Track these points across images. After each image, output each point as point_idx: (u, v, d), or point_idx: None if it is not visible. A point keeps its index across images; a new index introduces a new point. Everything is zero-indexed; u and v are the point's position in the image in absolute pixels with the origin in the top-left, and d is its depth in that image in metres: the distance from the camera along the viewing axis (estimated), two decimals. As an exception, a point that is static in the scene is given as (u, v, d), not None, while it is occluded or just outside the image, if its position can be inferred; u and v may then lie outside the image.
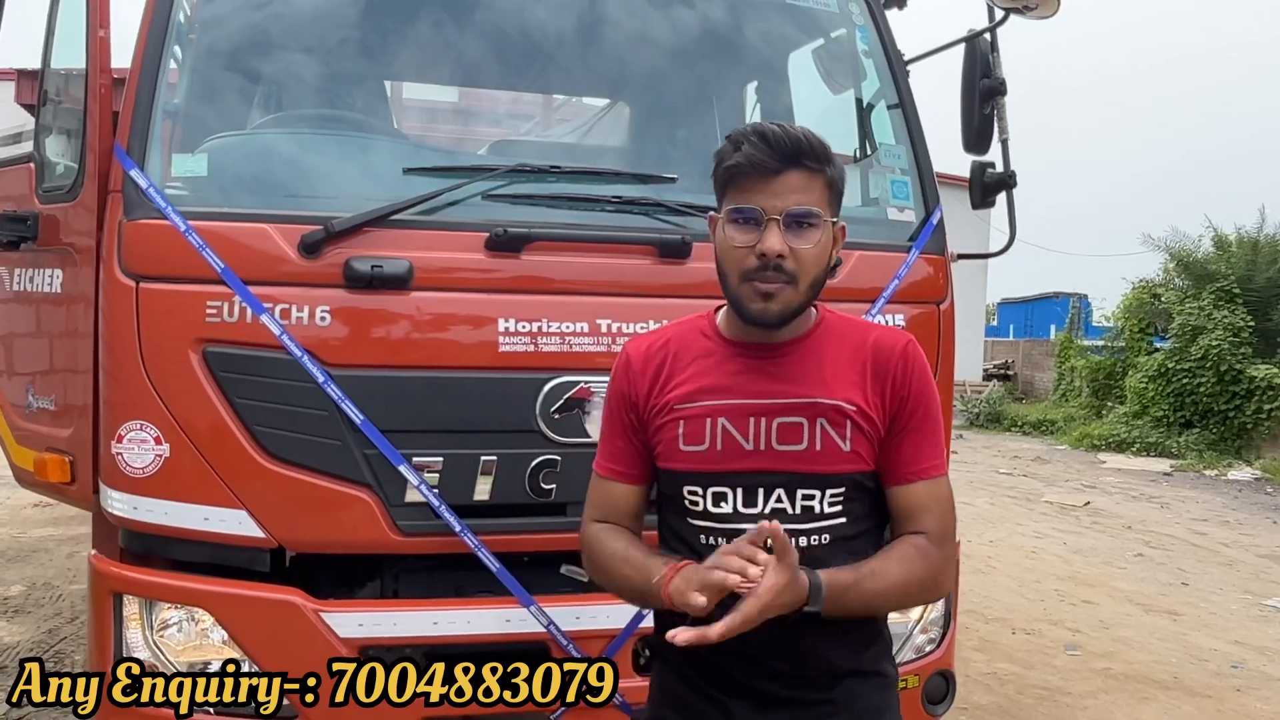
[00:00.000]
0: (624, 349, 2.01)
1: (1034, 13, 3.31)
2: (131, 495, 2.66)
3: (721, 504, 1.84)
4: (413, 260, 2.70)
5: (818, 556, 1.79)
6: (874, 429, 1.84)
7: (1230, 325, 16.70)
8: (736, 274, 1.80)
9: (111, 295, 2.67)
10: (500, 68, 3.63)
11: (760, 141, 1.75)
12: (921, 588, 1.85)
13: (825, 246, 1.81)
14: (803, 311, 1.85)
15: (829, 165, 1.80)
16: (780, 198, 1.75)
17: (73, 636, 5.72)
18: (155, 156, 2.72)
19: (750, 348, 1.88)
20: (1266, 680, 5.84)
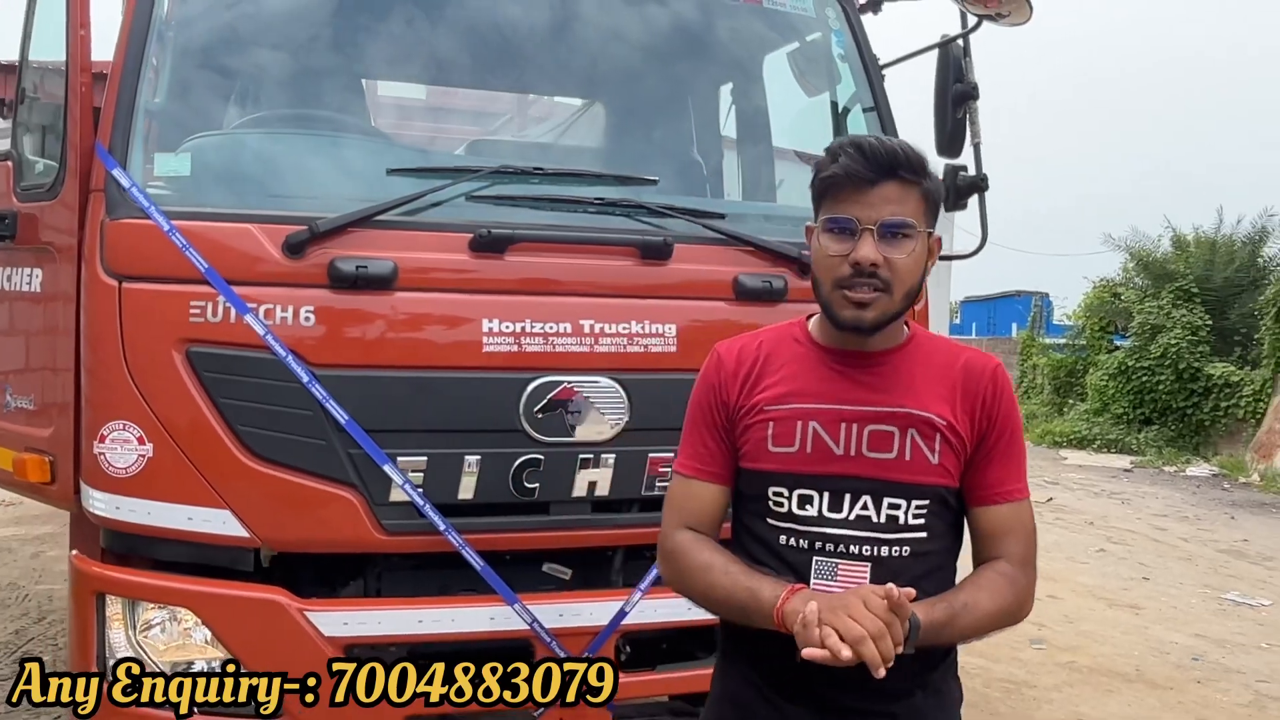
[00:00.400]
0: (715, 349, 2.01)
1: (1007, 20, 3.37)
2: (114, 495, 2.66)
3: (807, 507, 1.85)
4: (397, 260, 2.72)
5: (895, 569, 1.80)
6: (961, 446, 1.85)
7: (1189, 324, 17.02)
8: (830, 282, 1.82)
9: (94, 295, 2.66)
10: (476, 66, 3.65)
11: (857, 153, 1.77)
12: (1006, 616, 1.83)
13: (919, 257, 1.83)
14: (897, 319, 1.86)
15: (925, 178, 1.82)
16: (875, 208, 1.77)
17: (40, 637, 5.67)
18: (137, 155, 2.72)
19: (843, 355, 1.89)
20: (1225, 672, 5.98)
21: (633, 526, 2.99)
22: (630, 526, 2.99)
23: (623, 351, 2.89)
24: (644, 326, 2.92)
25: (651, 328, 2.93)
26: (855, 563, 1.82)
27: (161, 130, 2.84)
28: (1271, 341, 15.64)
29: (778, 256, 3.08)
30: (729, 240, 3.04)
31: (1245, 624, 7.06)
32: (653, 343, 2.92)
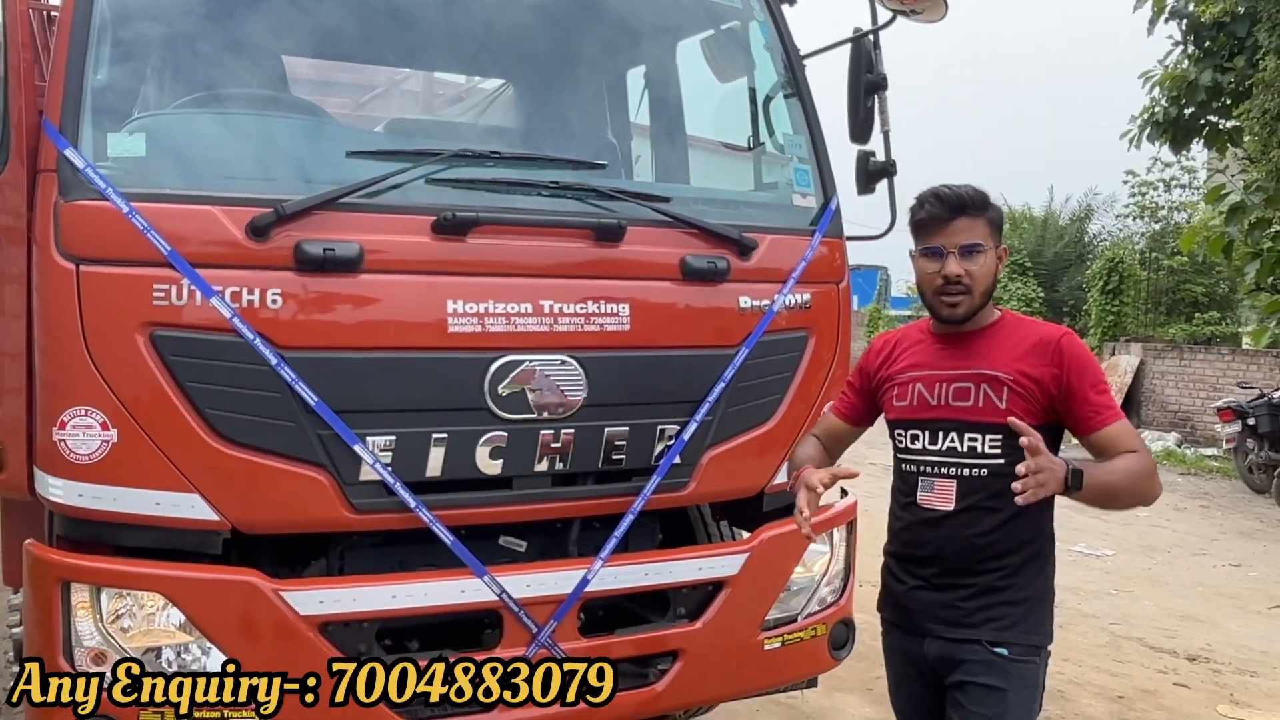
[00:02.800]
0: (872, 340, 2.92)
1: (920, 16, 3.60)
2: (75, 482, 2.60)
3: (916, 442, 2.64)
4: (362, 243, 2.75)
5: (975, 485, 2.52)
6: (1030, 393, 2.49)
7: (1023, 296, 18.17)
8: (930, 291, 2.60)
9: (49, 279, 2.59)
10: (401, 44, 3.68)
11: (936, 201, 2.55)
12: (1144, 477, 2.43)
13: (990, 265, 2.57)
14: (980, 310, 2.58)
15: (987, 210, 2.57)
16: (953, 236, 2.53)
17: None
18: (88, 135, 2.65)
19: (946, 338, 2.66)
20: (1083, 617, 6.54)
21: (590, 499, 3.11)
22: (587, 499, 3.11)
23: (580, 331, 3.00)
24: (600, 306, 3.03)
25: (607, 308, 3.04)
26: (946, 480, 2.57)
27: (109, 108, 2.75)
28: (1098, 312, 16.86)
29: (720, 238, 3.23)
30: (675, 223, 3.18)
31: (1094, 573, 7.70)
32: (608, 322, 3.04)
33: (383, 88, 4.99)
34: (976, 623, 2.53)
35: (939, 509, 2.57)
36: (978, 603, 2.53)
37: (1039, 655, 2.58)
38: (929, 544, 2.59)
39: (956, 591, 2.55)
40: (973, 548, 2.53)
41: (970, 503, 2.53)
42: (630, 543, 3.18)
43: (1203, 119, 11.95)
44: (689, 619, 3.21)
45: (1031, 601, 2.55)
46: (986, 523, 2.51)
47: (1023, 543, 2.54)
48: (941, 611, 2.57)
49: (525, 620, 2.91)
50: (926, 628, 2.60)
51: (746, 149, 3.89)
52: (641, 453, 3.12)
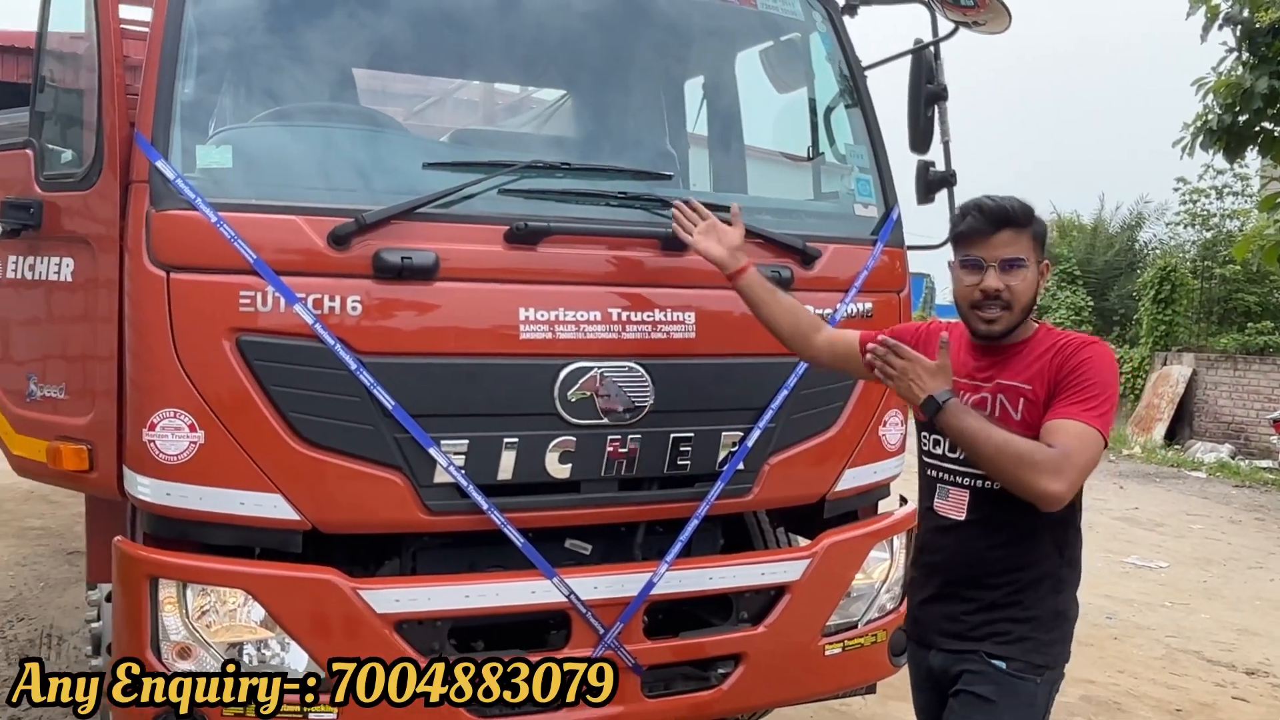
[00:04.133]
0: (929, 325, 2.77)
1: (983, 28, 3.63)
2: (163, 481, 2.70)
3: (938, 447, 2.59)
4: (438, 251, 2.82)
5: (988, 498, 2.44)
6: (1041, 403, 2.39)
7: (1072, 304, 17.97)
8: (965, 305, 2.51)
9: (141, 286, 2.69)
10: (479, 59, 3.77)
11: (979, 213, 2.47)
12: (1015, 462, 2.28)
13: (1032, 281, 2.46)
14: (1020, 326, 2.49)
15: (1031, 224, 2.47)
16: (994, 250, 2.44)
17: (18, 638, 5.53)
18: (178, 147, 2.75)
19: (981, 347, 2.57)
20: (1138, 629, 6.48)
21: (655, 503, 3.17)
22: (652, 503, 3.16)
23: (647, 338, 3.06)
24: (666, 314, 3.09)
25: (673, 315, 3.10)
26: (959, 489, 2.53)
27: (198, 121, 2.86)
28: (1149, 322, 16.65)
29: (783, 248, 3.28)
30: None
31: (1148, 585, 7.63)
32: (674, 330, 3.10)
33: (436, 97, 5.09)
34: (978, 636, 2.49)
35: (951, 517, 2.54)
36: (981, 617, 2.49)
37: (1041, 674, 2.47)
38: (940, 551, 2.59)
39: (961, 605, 2.52)
40: (980, 560, 2.49)
41: (981, 514, 2.48)
42: (693, 547, 3.22)
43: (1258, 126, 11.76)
44: (751, 623, 3.25)
45: (1038, 622, 2.47)
46: (996, 536, 2.46)
47: (1033, 561, 2.47)
48: (946, 624, 2.55)
49: (593, 622, 2.97)
50: (931, 640, 2.59)
51: (806, 159, 3.93)
52: (706, 458, 3.17)
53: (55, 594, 6.19)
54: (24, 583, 6.41)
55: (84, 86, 2.95)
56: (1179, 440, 15.60)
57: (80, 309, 2.93)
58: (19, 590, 6.25)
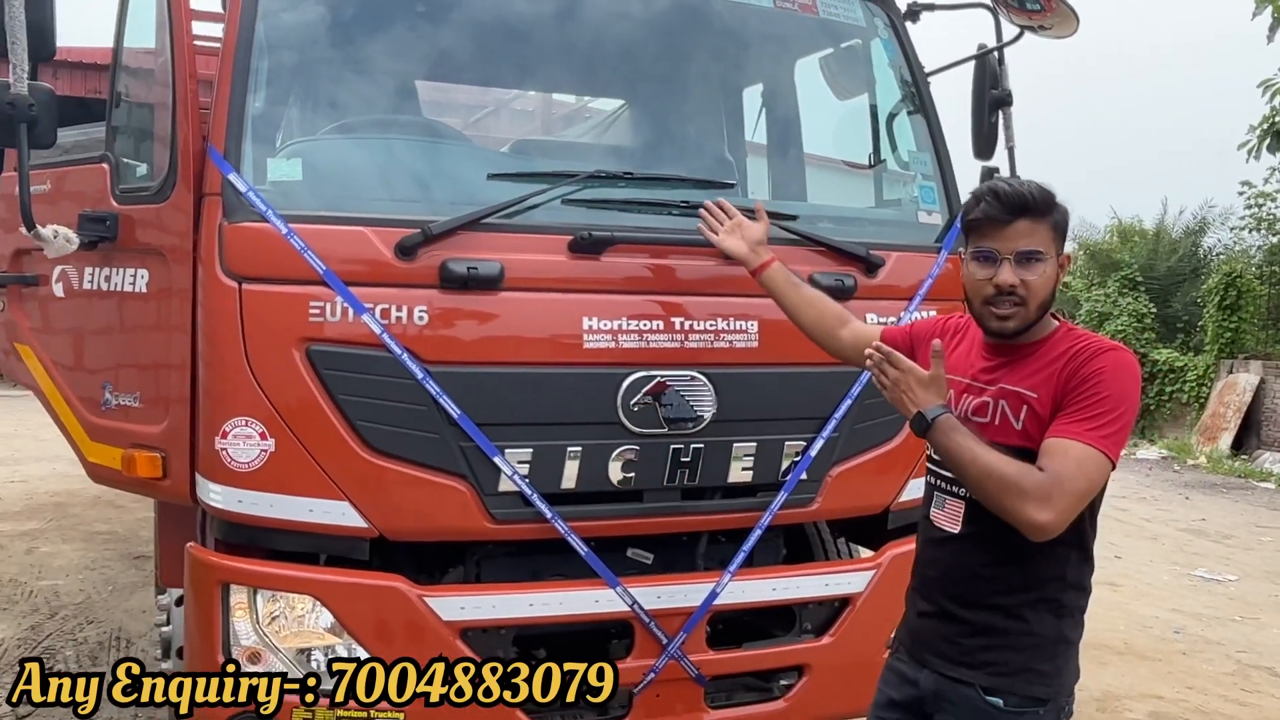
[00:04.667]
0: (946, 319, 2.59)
1: (1049, 32, 3.57)
2: (234, 489, 2.75)
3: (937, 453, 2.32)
4: (503, 262, 2.84)
5: (986, 512, 2.17)
6: (1045, 413, 2.18)
7: (1134, 311, 17.62)
8: (978, 300, 2.27)
9: (213, 296, 2.75)
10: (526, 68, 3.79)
11: (994, 199, 2.21)
12: (1002, 488, 2.08)
13: (1050, 276, 2.22)
14: (1035, 324, 2.25)
15: (1052, 213, 2.22)
16: (1011, 241, 2.20)
17: (58, 633, 5.67)
18: (249, 160, 2.80)
19: (992, 346, 2.34)
20: (1207, 644, 6.33)
21: (717, 513, 3.16)
22: (714, 513, 3.16)
23: (710, 347, 3.05)
24: (729, 323, 3.08)
25: (736, 324, 3.09)
26: (956, 500, 2.31)
27: (267, 134, 2.91)
28: (1214, 329, 16.27)
29: (846, 256, 3.26)
30: (802, 241, 3.21)
31: (1217, 599, 7.44)
32: (737, 339, 3.09)
33: (493, 107, 5.14)
34: (974, 664, 2.26)
35: (945, 529, 2.33)
36: (978, 641, 2.27)
37: (1041, 707, 2.25)
38: (935, 565, 2.38)
39: (958, 626, 2.30)
40: (976, 578, 2.28)
41: (977, 528, 2.25)
42: (755, 557, 3.21)
43: (1328, 128, 11.51)
44: (815, 635, 3.22)
45: (1037, 650, 2.25)
46: (991, 553, 2.24)
47: (1032, 583, 2.24)
48: (942, 645, 2.33)
49: (656, 631, 2.96)
50: (926, 659, 2.37)
51: (867, 166, 3.90)
52: (769, 468, 3.15)
53: (123, 597, 6.32)
54: (93, 586, 6.54)
55: (158, 101, 3.01)
56: (1246, 450, 15.21)
57: (154, 319, 2.99)
58: (88, 594, 6.38)
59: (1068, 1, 3.56)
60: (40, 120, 2.58)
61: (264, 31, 2.89)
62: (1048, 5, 3.50)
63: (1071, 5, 3.54)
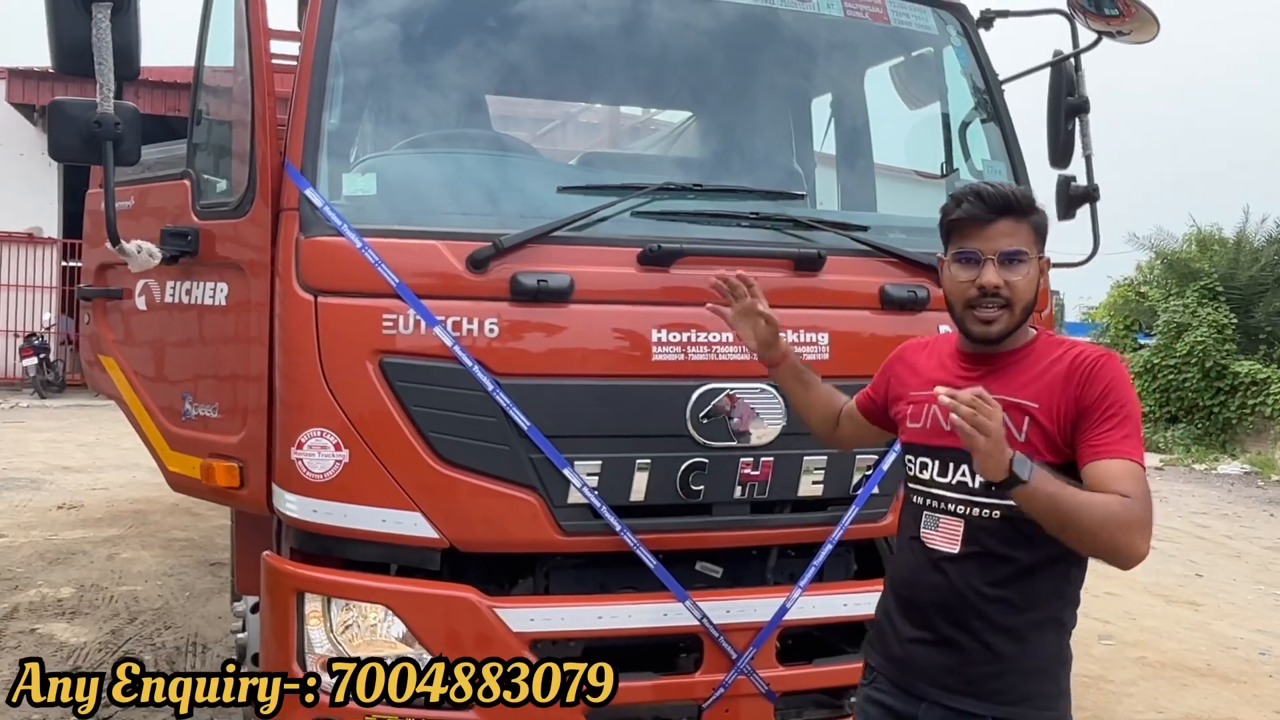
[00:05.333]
0: (902, 344, 2.56)
1: (1128, 38, 3.49)
2: (310, 499, 2.79)
3: (925, 471, 2.31)
4: (573, 274, 2.85)
5: (984, 527, 2.17)
6: (1052, 425, 2.12)
7: (1215, 322, 17.12)
8: (960, 304, 2.23)
9: (290, 309, 2.80)
10: (610, 82, 3.80)
11: (976, 199, 2.19)
12: (1118, 526, 1.97)
13: (1033, 277, 2.20)
14: (1018, 329, 2.22)
15: (1033, 213, 2.22)
16: (994, 241, 2.18)
17: (137, 637, 5.80)
18: (325, 175, 2.85)
19: (973, 356, 2.30)
20: (1297, 667, 6.10)
21: (787, 527, 3.13)
22: (784, 527, 3.12)
23: None
24: (799, 335, 3.05)
25: (806, 336, 3.06)
26: (952, 519, 2.23)
27: (342, 150, 2.96)
28: (1299, 340, 15.76)
29: (919, 266, 3.21)
30: (874, 252, 3.18)
31: (1307, 621, 7.18)
32: (807, 351, 3.06)
33: (560, 120, 5.17)
34: (982, 694, 2.18)
35: (942, 550, 2.22)
36: (985, 670, 2.18)
37: None
38: (930, 589, 2.24)
39: (961, 654, 2.19)
40: (979, 599, 2.17)
41: (978, 548, 2.18)
42: (825, 572, 3.17)
43: None
44: (887, 651, 3.16)
45: (1044, 674, 2.21)
46: (996, 573, 2.16)
47: (1035, 603, 2.18)
48: (944, 676, 2.21)
49: (725, 646, 2.94)
50: (925, 690, 2.24)
51: (939, 175, 3.85)
52: (839, 482, 3.11)
53: (199, 604, 6.46)
54: (170, 592, 6.70)
55: (237, 119, 3.09)
56: (1334, 466, 14.71)
57: (232, 331, 3.06)
58: (166, 600, 6.54)
59: (1147, 5, 3.48)
60: (125, 138, 2.65)
61: (339, 50, 2.95)
62: (1126, 10, 3.42)
63: (1151, 9, 3.46)
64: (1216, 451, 16.21)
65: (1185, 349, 17.03)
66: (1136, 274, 20.96)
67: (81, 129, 2.60)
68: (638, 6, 3.38)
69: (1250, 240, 19.17)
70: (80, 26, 2.56)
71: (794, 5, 3.50)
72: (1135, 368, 18.00)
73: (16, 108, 18.77)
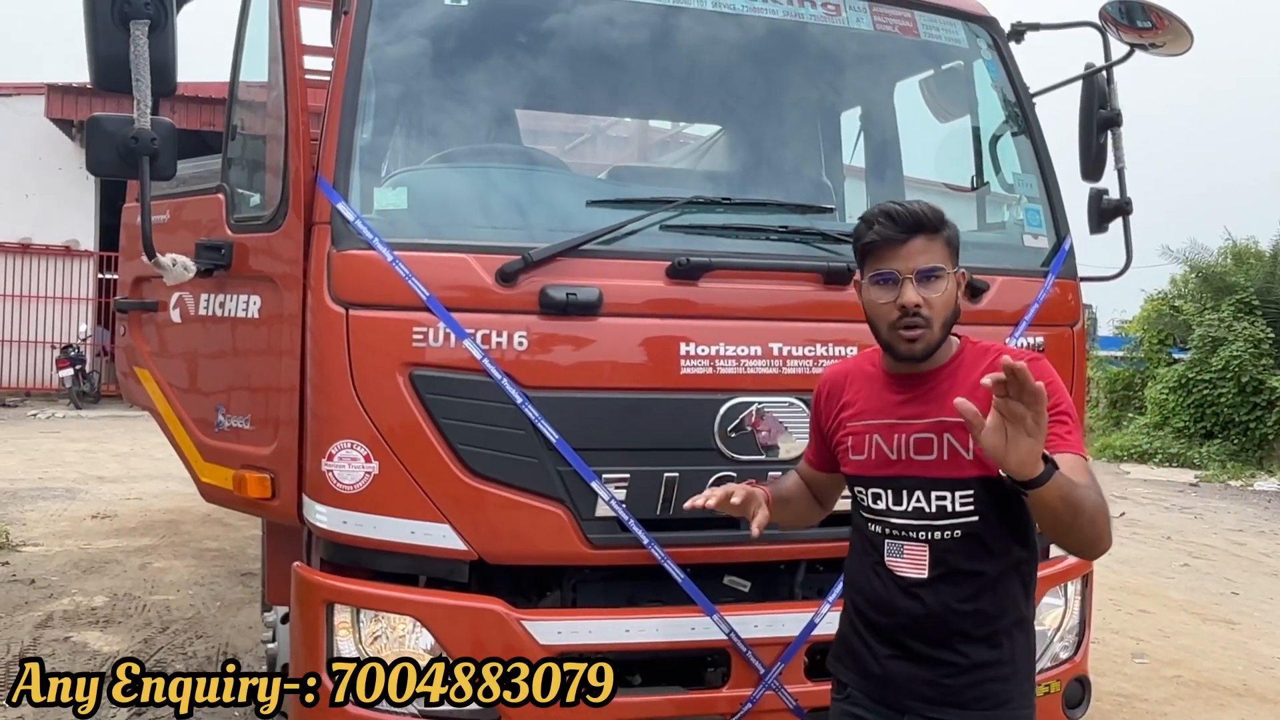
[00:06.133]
0: (821, 376, 2.53)
1: (1161, 50, 3.47)
2: (340, 510, 2.81)
3: (878, 501, 2.29)
4: (601, 287, 2.86)
5: (949, 549, 2.20)
6: None
7: (1250, 336, 16.88)
8: (884, 325, 2.23)
9: (322, 322, 2.82)
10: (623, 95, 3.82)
11: (887, 220, 2.21)
12: (1104, 515, 2.03)
13: (951, 292, 2.23)
14: (941, 345, 2.24)
15: (944, 229, 2.23)
16: (909, 260, 2.19)
17: (168, 646, 5.85)
18: (356, 189, 2.88)
19: (900, 378, 2.30)
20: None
21: (815, 541, 3.11)
22: (813, 541, 3.11)
23: (809, 373, 3.01)
24: (828, 349, 3.05)
25: (834, 350, 3.06)
26: (916, 544, 2.23)
27: (373, 164, 2.99)
28: (1337, 354, 15.51)
29: (949, 281, 3.19)
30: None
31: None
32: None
33: (588, 134, 5.19)
34: (963, 702, 2.21)
35: (911, 576, 2.23)
36: (966, 679, 2.21)
37: None
38: (903, 613, 2.25)
39: (940, 668, 2.22)
40: (955, 617, 2.20)
41: (946, 569, 2.20)
42: (854, 587, 3.14)
43: None
44: (916, 668, 3.14)
45: (1021, 674, 2.27)
46: (966, 588, 2.20)
47: (1007, 607, 2.23)
48: (925, 689, 2.23)
49: (753, 661, 2.93)
50: (906, 705, 2.25)
51: (970, 189, 3.84)
52: (868, 496, 3.09)
53: (231, 613, 6.50)
54: (202, 602, 6.76)
55: (270, 134, 3.12)
56: (1373, 483, 14.46)
57: (265, 344, 3.09)
58: (198, 609, 6.59)
59: (1179, 18, 3.46)
60: (161, 153, 2.69)
61: (371, 65, 2.98)
62: (1159, 22, 3.40)
63: (1184, 21, 3.44)
64: (1253, 468, 15.96)
65: (1220, 364, 16.80)
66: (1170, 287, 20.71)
67: (119, 144, 2.64)
68: (666, 21, 3.39)
69: (1288, 254, 18.91)
70: (118, 43, 2.61)
71: (823, 19, 3.50)
72: (1169, 382, 17.81)
73: (55, 123, 19.08)
